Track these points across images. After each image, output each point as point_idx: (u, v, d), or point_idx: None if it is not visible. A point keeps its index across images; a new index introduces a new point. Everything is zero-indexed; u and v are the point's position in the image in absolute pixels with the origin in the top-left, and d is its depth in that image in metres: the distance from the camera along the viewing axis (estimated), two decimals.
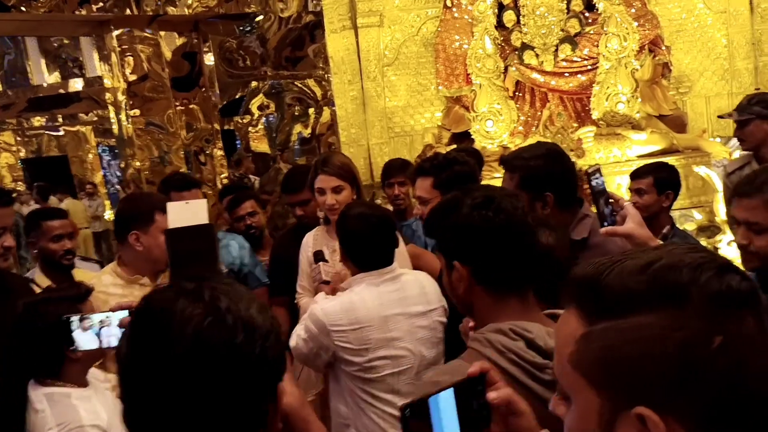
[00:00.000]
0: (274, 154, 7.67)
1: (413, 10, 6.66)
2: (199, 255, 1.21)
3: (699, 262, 0.73)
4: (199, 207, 1.32)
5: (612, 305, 0.75)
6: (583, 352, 0.77)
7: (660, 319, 0.72)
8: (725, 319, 0.71)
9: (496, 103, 5.67)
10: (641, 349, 0.72)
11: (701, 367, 0.70)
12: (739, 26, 6.26)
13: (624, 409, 0.73)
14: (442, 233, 1.54)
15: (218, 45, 6.91)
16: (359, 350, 2.28)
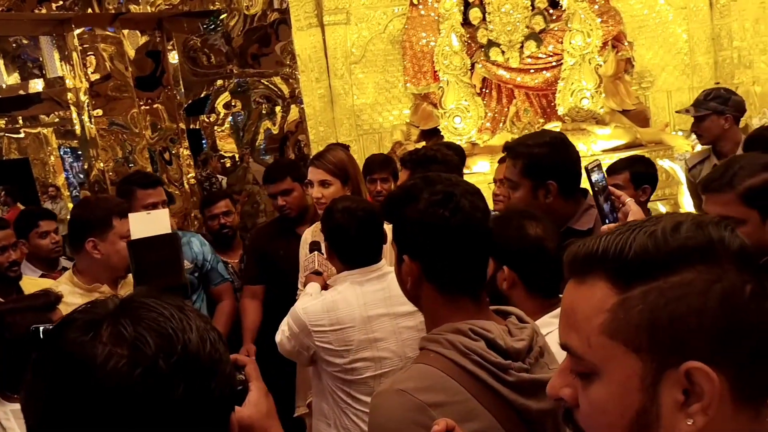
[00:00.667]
0: (241, 153, 7.60)
1: (380, 8, 6.66)
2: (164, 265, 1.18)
3: (716, 221, 0.78)
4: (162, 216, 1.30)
5: (646, 269, 0.77)
6: (621, 319, 0.77)
7: (699, 274, 0.75)
8: (749, 269, 0.76)
9: (464, 99, 5.70)
10: (686, 305, 0.74)
11: (740, 316, 0.74)
12: (699, 22, 6.38)
13: (669, 368, 0.75)
14: (396, 223, 1.48)
15: (182, 43, 6.81)
16: (340, 351, 2.24)
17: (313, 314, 2.24)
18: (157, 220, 1.27)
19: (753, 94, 6.04)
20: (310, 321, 2.23)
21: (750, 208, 1.89)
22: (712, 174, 2.06)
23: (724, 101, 3.83)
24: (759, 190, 1.89)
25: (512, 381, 1.34)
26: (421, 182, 1.46)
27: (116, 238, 2.42)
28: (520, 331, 1.43)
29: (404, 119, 6.53)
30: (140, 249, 1.18)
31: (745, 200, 1.90)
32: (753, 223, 1.92)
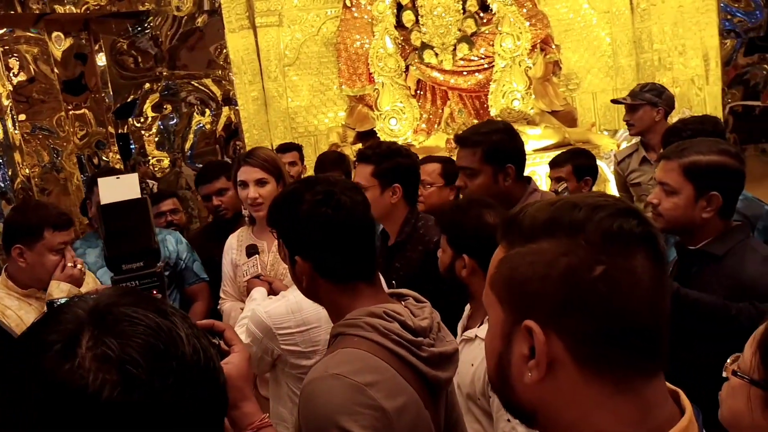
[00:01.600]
0: (173, 158, 7.44)
1: (312, 10, 6.65)
2: (134, 230, 1.18)
3: (600, 204, 0.82)
4: (131, 181, 1.28)
5: (523, 234, 0.84)
6: (496, 274, 0.87)
7: (552, 246, 0.81)
8: (611, 253, 0.78)
9: (399, 101, 5.76)
10: (534, 270, 0.81)
11: (581, 291, 0.78)
12: (621, 25, 6.65)
13: (518, 323, 0.82)
14: (283, 227, 1.56)
15: (110, 45, 6.62)
16: (307, 352, 2.16)
17: (277, 317, 2.15)
18: (127, 185, 1.26)
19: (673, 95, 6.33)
20: (275, 324, 2.14)
21: (687, 180, 1.99)
22: (674, 144, 2.17)
23: (658, 94, 4.01)
24: (701, 167, 1.99)
25: (425, 356, 1.47)
26: (301, 185, 1.55)
27: (45, 250, 2.33)
28: (420, 311, 1.56)
29: (340, 121, 6.54)
30: (110, 214, 1.17)
31: (685, 172, 1.99)
32: (685, 196, 2.02)
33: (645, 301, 0.80)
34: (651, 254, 0.81)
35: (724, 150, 2.03)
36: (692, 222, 2.02)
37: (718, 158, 2.00)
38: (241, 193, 2.69)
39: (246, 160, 2.69)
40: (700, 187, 1.99)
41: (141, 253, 1.16)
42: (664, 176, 2.05)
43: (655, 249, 0.81)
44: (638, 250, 0.80)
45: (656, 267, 0.81)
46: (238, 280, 2.76)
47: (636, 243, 0.80)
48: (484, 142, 2.41)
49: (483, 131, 2.48)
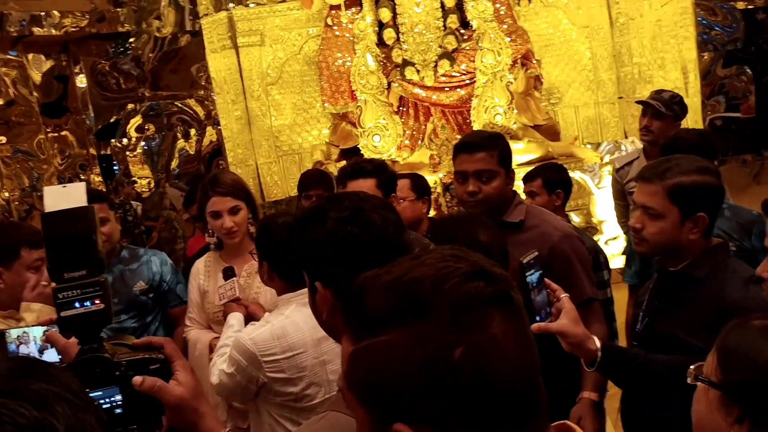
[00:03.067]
0: (156, 178, 7.41)
1: (294, 29, 6.67)
2: (78, 239, 1.14)
3: (443, 272, 0.74)
4: (78, 189, 1.24)
5: (369, 323, 0.75)
6: (350, 372, 0.78)
7: (405, 336, 0.72)
8: (469, 326, 0.71)
9: (382, 118, 5.77)
10: (389, 367, 0.73)
11: (445, 379, 0.71)
12: (601, 40, 6.72)
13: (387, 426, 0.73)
14: (303, 250, 1.34)
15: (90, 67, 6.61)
16: (294, 379, 2.08)
17: (262, 343, 2.05)
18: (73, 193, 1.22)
19: None
20: (260, 351, 2.04)
21: (672, 204, 1.97)
22: (650, 165, 2.14)
23: (682, 109, 3.84)
24: (686, 189, 1.97)
25: None
26: (327, 201, 1.36)
27: (22, 269, 2.29)
28: None
29: (323, 139, 6.54)
30: (52, 222, 1.14)
31: (670, 195, 1.97)
32: (671, 219, 1.98)
33: (514, 366, 0.73)
34: (507, 313, 0.74)
35: (704, 168, 2.00)
36: (678, 245, 1.99)
37: (701, 178, 1.97)
38: (214, 223, 2.61)
39: (215, 190, 2.61)
40: (685, 209, 1.96)
41: (84, 261, 1.12)
42: (647, 200, 2.01)
43: (509, 306, 0.75)
44: (493, 315, 0.73)
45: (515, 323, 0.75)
46: (207, 305, 2.69)
47: (488, 308, 0.73)
48: (499, 146, 2.42)
49: (491, 136, 2.50)
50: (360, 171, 2.67)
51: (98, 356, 1.09)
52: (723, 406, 1.24)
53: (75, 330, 1.11)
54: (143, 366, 1.10)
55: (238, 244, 2.66)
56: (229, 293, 2.49)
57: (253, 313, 2.42)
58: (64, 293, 1.10)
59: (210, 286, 2.68)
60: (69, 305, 1.09)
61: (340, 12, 6.15)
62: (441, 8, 6.04)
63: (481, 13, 5.86)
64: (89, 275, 1.11)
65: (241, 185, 2.68)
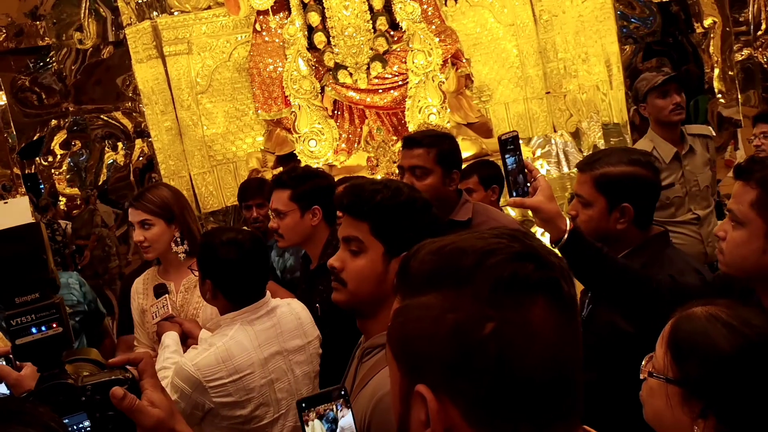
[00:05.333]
0: (85, 195, 7.18)
1: (222, 36, 6.57)
2: (26, 258, 1.07)
3: (492, 248, 0.73)
4: (21, 205, 1.17)
5: (412, 284, 0.76)
6: (391, 327, 0.79)
7: (438, 300, 0.72)
8: (504, 305, 0.71)
9: (317, 122, 5.75)
10: (421, 328, 0.73)
11: (471, 351, 0.70)
12: (527, 37, 6.87)
13: (413, 385, 0.74)
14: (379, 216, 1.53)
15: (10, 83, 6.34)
16: (242, 402, 2.04)
17: (206, 368, 2.00)
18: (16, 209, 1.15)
19: (580, 101, 6.59)
20: (204, 376, 1.99)
21: (599, 193, 2.04)
22: (588, 155, 2.22)
23: None
24: (612, 179, 2.04)
25: None
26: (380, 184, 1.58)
27: None
28: None
29: (258, 146, 6.46)
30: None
31: (596, 184, 2.04)
32: (598, 208, 2.06)
33: (544, 358, 0.71)
34: (552, 302, 0.73)
35: (635, 160, 2.08)
36: (608, 233, 2.06)
37: (628, 169, 2.05)
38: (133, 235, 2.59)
39: (132, 203, 2.59)
40: (612, 199, 2.03)
41: (36, 283, 1.05)
42: (579, 188, 2.10)
43: (557, 295, 0.73)
44: (536, 300, 0.72)
45: (560, 315, 0.73)
46: (147, 325, 2.61)
47: (533, 292, 0.72)
48: (438, 144, 2.44)
49: (435, 135, 2.54)
50: (276, 181, 2.73)
51: (61, 383, 1.03)
52: (684, 401, 1.25)
53: (33, 357, 1.04)
54: (110, 388, 1.04)
55: (169, 261, 2.62)
56: (162, 311, 2.42)
57: (188, 331, 2.34)
58: (17, 319, 1.02)
59: (148, 304, 2.60)
60: (24, 331, 1.02)
61: (269, 17, 6.09)
62: (369, 11, 6.07)
63: (410, 15, 5.91)
64: (43, 298, 1.04)
65: (163, 202, 2.58)
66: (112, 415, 1.03)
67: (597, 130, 6.28)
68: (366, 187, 1.55)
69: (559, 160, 6.74)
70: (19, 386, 1.21)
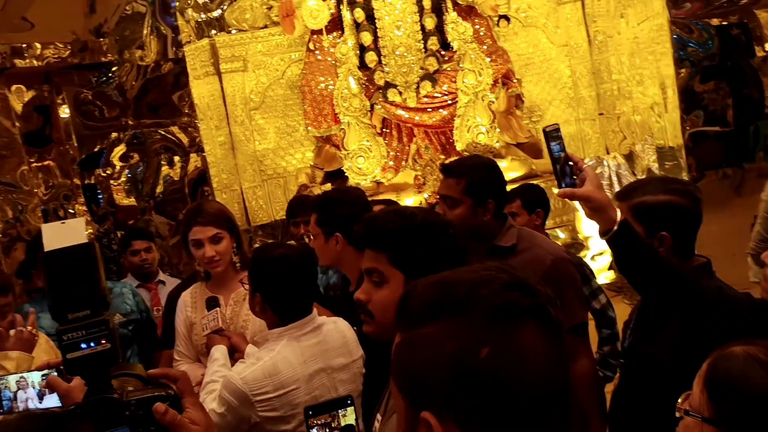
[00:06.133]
0: (141, 206, 7.39)
1: (276, 54, 6.71)
2: (80, 277, 1.11)
3: (483, 279, 0.78)
4: (77, 226, 1.21)
5: (411, 318, 0.80)
6: (393, 362, 0.83)
7: (436, 330, 0.76)
8: (498, 331, 0.74)
9: (366, 140, 5.80)
10: (421, 358, 0.77)
11: (471, 375, 0.74)
12: (580, 58, 6.80)
13: (417, 413, 0.77)
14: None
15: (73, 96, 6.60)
16: (287, 417, 2.03)
17: (253, 382, 1.99)
18: (72, 229, 1.19)
19: (634, 123, 6.47)
20: (251, 390, 1.99)
21: (637, 222, 2.00)
22: (627, 184, 2.18)
23: None
24: (649, 208, 2.00)
25: None
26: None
27: None
28: None
29: (308, 162, 6.55)
30: (54, 261, 1.11)
31: (634, 213, 2.00)
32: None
33: (538, 375, 0.75)
34: (542, 326, 0.77)
35: (673, 189, 2.03)
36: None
37: (665, 198, 2.00)
38: (196, 253, 2.56)
39: (197, 220, 2.57)
40: (649, 228, 2.00)
41: (87, 300, 1.08)
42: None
43: (546, 319, 0.78)
44: (526, 325, 0.76)
45: (549, 337, 0.77)
46: (195, 337, 2.63)
47: (523, 318, 0.76)
48: (469, 175, 2.41)
49: (468, 164, 2.51)
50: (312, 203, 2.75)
51: (107, 397, 1.06)
52: None
53: (82, 372, 1.08)
54: (153, 403, 1.06)
55: (223, 274, 2.63)
56: (212, 324, 2.43)
57: (236, 345, 2.35)
58: (69, 334, 1.06)
59: (197, 317, 2.61)
60: (74, 347, 1.06)
61: (322, 36, 6.20)
62: (421, 30, 6.11)
63: (461, 35, 5.93)
64: (93, 314, 1.07)
65: (225, 214, 2.62)
66: (153, 430, 1.06)
67: (651, 153, 6.15)
68: (379, 218, 1.55)
69: (611, 182, 6.61)
70: (69, 397, 1.25)
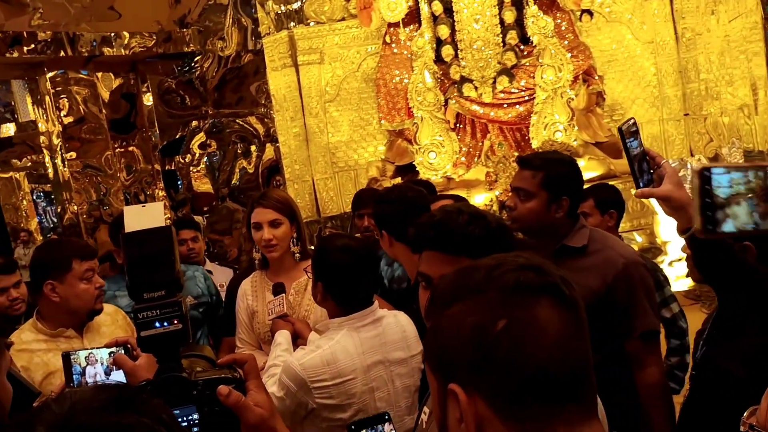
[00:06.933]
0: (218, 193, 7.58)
1: (353, 47, 6.73)
2: (156, 259, 1.16)
3: (500, 262, 0.86)
4: (156, 210, 1.28)
5: (439, 303, 0.88)
6: (425, 345, 0.92)
7: (459, 309, 0.84)
8: (513, 305, 0.81)
9: (438, 135, 5.74)
10: (448, 335, 0.85)
11: (489, 347, 0.81)
12: (666, 55, 6.53)
13: (446, 387, 0.84)
14: None
15: (157, 85, 6.82)
16: (343, 405, 2.05)
17: (312, 369, 2.03)
18: (152, 213, 1.26)
19: (721, 125, 6.16)
20: (309, 377, 2.02)
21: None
22: None
23: None
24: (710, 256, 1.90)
25: None
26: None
27: (75, 281, 2.35)
28: None
29: (379, 156, 6.55)
30: (133, 242, 1.17)
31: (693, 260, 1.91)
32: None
33: (553, 349, 0.81)
34: (555, 302, 0.82)
35: None
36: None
37: None
38: (255, 235, 2.60)
39: (259, 202, 2.61)
40: None
41: (163, 282, 1.15)
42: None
43: (560, 297, 0.83)
44: (540, 300, 0.82)
45: (565, 313, 0.82)
46: (257, 325, 2.67)
47: (536, 294, 0.82)
48: (547, 168, 2.34)
49: (548, 157, 2.44)
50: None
51: (176, 375, 1.11)
52: None
53: (154, 349, 1.14)
54: (219, 385, 1.10)
55: (281, 262, 2.65)
56: (278, 309, 2.47)
57: (299, 331, 2.39)
58: (144, 313, 1.12)
59: (258, 306, 2.66)
60: (149, 325, 1.12)
61: (399, 29, 6.18)
62: (500, 24, 6.00)
63: (542, 29, 5.79)
64: (168, 295, 1.13)
65: (287, 202, 2.65)
66: (219, 411, 1.09)
67: (738, 156, 5.85)
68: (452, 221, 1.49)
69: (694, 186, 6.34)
70: (134, 375, 1.30)
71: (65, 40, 5.61)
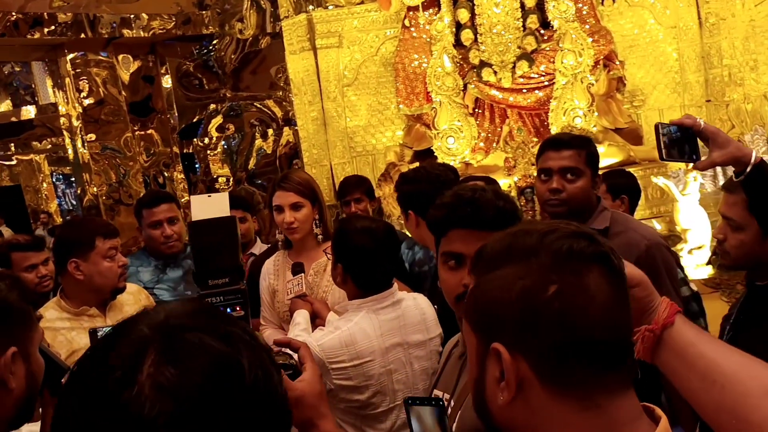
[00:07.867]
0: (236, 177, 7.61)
1: (372, 31, 6.70)
2: (221, 247, 1.21)
3: (552, 228, 0.87)
4: (221, 200, 1.31)
5: (486, 263, 0.90)
6: (467, 303, 0.92)
7: (510, 271, 0.85)
8: (563, 273, 0.82)
9: (457, 120, 5.71)
10: (495, 295, 0.86)
11: (538, 311, 0.82)
12: (689, 41, 6.44)
13: (488, 346, 0.86)
14: None
15: (176, 68, 6.84)
16: (360, 387, 2.07)
17: (330, 350, 2.04)
18: (217, 203, 1.30)
19: (744, 112, 6.08)
20: (327, 357, 2.02)
21: (752, 216, 1.86)
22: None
23: None
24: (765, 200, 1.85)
25: None
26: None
27: (99, 259, 2.38)
28: None
29: (397, 140, 6.54)
30: (199, 231, 1.22)
31: (749, 206, 1.86)
32: (751, 232, 1.87)
33: (601, 317, 0.82)
34: (605, 272, 0.84)
35: None
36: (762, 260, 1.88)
37: None
38: (277, 217, 2.61)
39: (281, 185, 2.62)
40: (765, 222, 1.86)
41: (227, 269, 1.19)
42: (728, 210, 1.92)
43: (609, 267, 0.85)
44: (591, 269, 0.83)
45: (612, 284, 0.84)
46: (277, 304, 2.69)
47: (587, 262, 0.84)
48: (587, 146, 2.35)
49: (581, 137, 2.46)
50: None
51: None
52: None
53: None
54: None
55: (304, 243, 2.67)
56: (296, 288, 2.49)
57: (318, 311, 2.41)
58: (208, 299, 1.16)
59: (279, 285, 2.68)
60: None
61: (418, 13, 6.14)
62: (521, 8, 5.94)
63: (563, 13, 5.72)
64: (232, 283, 1.17)
65: (309, 184, 2.65)
66: None
67: (762, 144, 5.77)
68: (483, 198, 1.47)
69: (715, 173, 6.26)
70: None
71: (85, 22, 5.63)
